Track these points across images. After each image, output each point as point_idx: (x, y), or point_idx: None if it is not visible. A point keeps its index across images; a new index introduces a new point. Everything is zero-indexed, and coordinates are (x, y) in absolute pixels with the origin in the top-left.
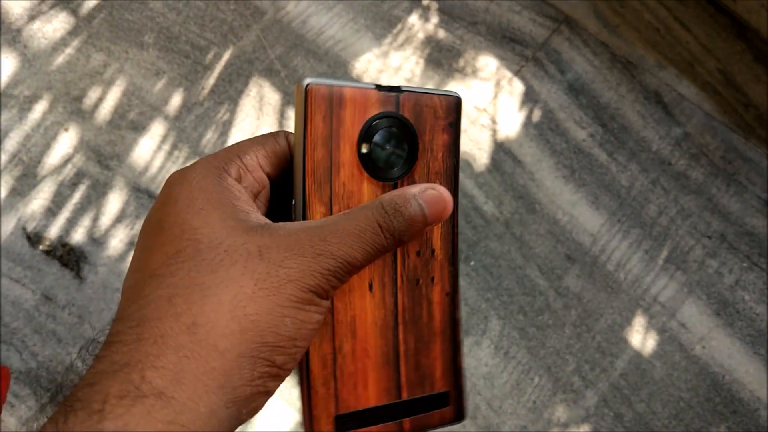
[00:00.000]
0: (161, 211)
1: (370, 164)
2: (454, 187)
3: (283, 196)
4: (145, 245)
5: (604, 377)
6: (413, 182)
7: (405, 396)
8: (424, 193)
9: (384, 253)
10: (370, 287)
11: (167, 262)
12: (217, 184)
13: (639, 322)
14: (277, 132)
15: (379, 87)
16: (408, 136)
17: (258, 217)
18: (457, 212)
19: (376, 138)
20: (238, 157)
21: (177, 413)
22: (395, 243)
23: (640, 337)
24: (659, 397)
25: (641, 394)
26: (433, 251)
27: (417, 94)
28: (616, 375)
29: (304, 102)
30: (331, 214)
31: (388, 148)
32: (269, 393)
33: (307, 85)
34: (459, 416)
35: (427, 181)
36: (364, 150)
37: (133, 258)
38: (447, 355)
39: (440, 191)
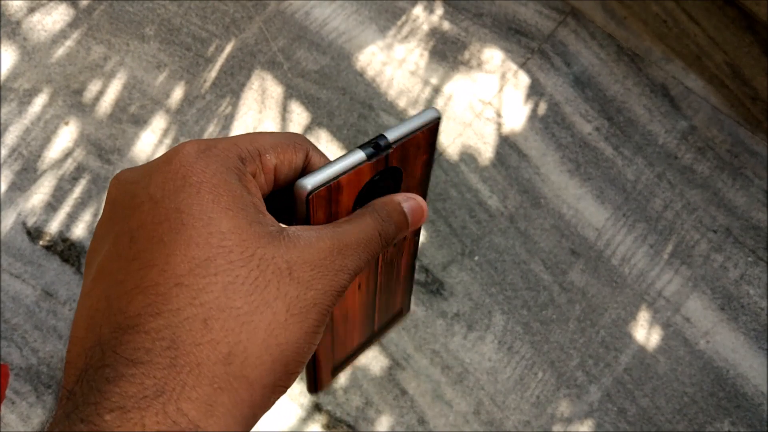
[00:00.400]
0: (178, 197)
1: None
2: (426, 179)
3: (278, 206)
4: (155, 236)
5: (608, 372)
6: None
7: (376, 329)
8: (407, 203)
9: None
10: (359, 287)
11: (195, 271)
12: (238, 180)
13: (643, 317)
14: (299, 143)
15: (368, 154)
16: (394, 176)
17: (272, 221)
18: (427, 185)
19: (367, 193)
20: (259, 154)
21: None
22: (385, 248)
23: (645, 332)
24: (663, 392)
25: (645, 388)
26: (404, 237)
27: (403, 141)
28: (620, 370)
29: (306, 209)
30: None
31: (376, 190)
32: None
33: (308, 196)
34: (406, 312)
35: (406, 185)
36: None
37: (134, 247)
38: (404, 288)
39: (419, 201)
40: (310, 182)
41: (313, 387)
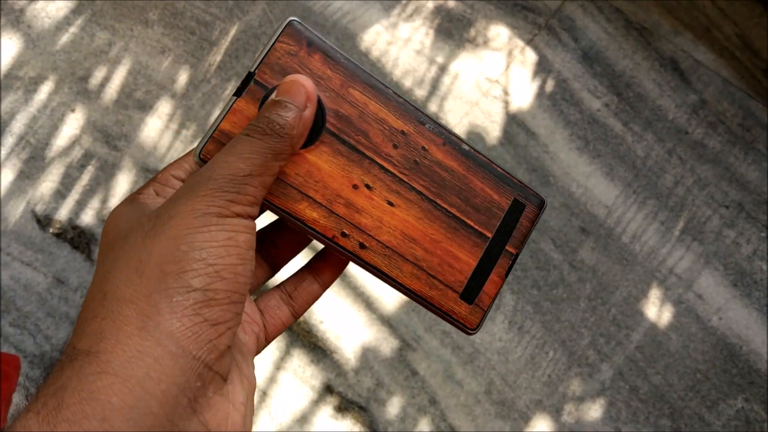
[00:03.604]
0: (100, 245)
1: None
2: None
3: None
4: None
5: (619, 350)
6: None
7: (489, 234)
8: (279, 89)
9: (281, 154)
10: (390, 203)
11: (99, 269)
12: (129, 204)
13: (655, 294)
14: (188, 153)
15: (235, 92)
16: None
17: (152, 211)
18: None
19: None
20: (152, 181)
21: (105, 363)
22: (284, 140)
23: (656, 310)
24: (675, 369)
25: (657, 366)
26: (403, 132)
27: (264, 59)
28: (632, 348)
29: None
30: None
31: None
32: (215, 323)
33: (200, 156)
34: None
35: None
36: None
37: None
38: (487, 177)
39: (291, 77)
40: (197, 146)
41: (463, 326)
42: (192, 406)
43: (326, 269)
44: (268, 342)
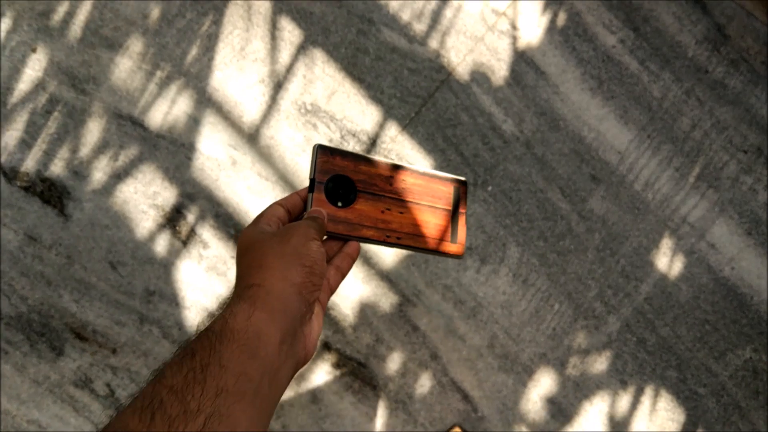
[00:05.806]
0: (239, 247)
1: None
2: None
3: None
4: (244, 260)
5: (627, 302)
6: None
7: (450, 207)
8: (312, 212)
9: (320, 232)
10: (400, 212)
11: (240, 260)
12: (255, 226)
13: (666, 245)
14: (295, 193)
15: (310, 190)
16: (339, 182)
17: (274, 229)
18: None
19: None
20: (262, 216)
21: (269, 288)
22: (321, 227)
23: (667, 260)
24: (684, 321)
25: (665, 318)
26: (390, 176)
27: (315, 170)
28: (641, 299)
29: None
30: None
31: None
32: (315, 287)
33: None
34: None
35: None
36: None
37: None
38: (437, 179)
39: (317, 210)
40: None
41: (457, 256)
42: (302, 321)
43: (353, 249)
44: (333, 293)
